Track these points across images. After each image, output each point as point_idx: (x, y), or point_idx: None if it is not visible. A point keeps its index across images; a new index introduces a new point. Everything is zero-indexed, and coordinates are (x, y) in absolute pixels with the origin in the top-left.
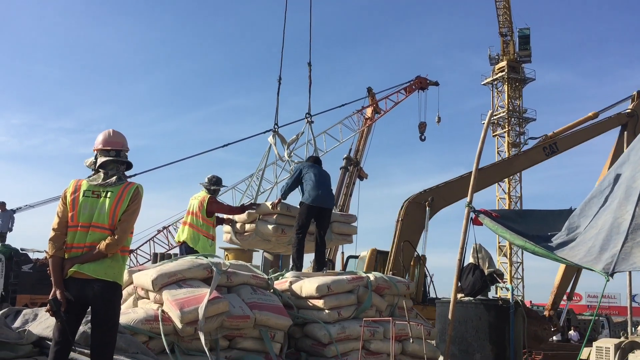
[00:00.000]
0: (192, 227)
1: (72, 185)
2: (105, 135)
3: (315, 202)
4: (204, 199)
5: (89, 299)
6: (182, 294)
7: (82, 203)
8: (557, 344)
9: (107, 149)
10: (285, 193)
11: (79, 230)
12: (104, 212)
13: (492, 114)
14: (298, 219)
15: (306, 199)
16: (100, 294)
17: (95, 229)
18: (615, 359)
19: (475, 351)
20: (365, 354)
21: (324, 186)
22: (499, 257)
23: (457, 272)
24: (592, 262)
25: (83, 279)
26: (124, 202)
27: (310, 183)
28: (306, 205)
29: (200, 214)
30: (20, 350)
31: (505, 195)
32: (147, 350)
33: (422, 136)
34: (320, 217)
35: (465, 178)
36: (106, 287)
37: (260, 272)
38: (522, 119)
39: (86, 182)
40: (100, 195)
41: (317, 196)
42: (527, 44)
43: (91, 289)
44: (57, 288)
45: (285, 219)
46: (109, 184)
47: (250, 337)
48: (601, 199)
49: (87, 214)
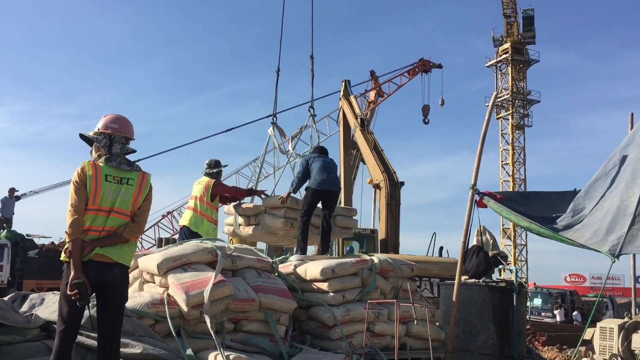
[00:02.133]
0: (196, 211)
1: (90, 168)
2: (122, 120)
3: (321, 185)
4: (208, 183)
5: (107, 282)
6: (188, 278)
7: (105, 187)
8: (560, 325)
9: (124, 136)
10: (297, 187)
11: (100, 214)
12: (127, 199)
13: (496, 96)
14: (303, 202)
15: (312, 184)
16: (120, 278)
17: (117, 214)
18: (619, 339)
19: (479, 332)
20: (369, 336)
21: (329, 171)
22: (503, 240)
23: (462, 254)
24: (598, 243)
25: (104, 262)
26: (144, 191)
27: (316, 169)
28: (312, 189)
29: (205, 198)
30: (27, 334)
31: (509, 178)
32: (153, 333)
33: (426, 119)
34: (327, 201)
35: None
36: (122, 270)
37: (265, 256)
38: (526, 101)
39: (105, 166)
40: (122, 182)
41: (322, 180)
42: (531, 25)
43: (112, 272)
44: (78, 271)
45: (294, 212)
46: (124, 169)
47: (256, 320)
48: (606, 180)
49: (110, 199)
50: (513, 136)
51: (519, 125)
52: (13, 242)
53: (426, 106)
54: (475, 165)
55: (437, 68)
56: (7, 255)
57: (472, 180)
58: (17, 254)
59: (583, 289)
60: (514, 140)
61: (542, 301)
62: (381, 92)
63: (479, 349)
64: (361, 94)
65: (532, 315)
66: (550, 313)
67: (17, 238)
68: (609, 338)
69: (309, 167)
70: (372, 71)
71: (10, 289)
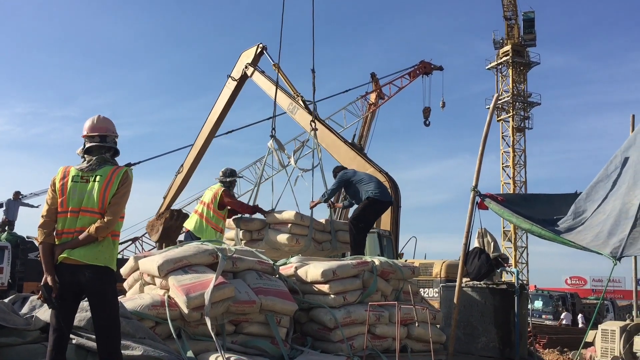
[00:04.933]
0: (201, 216)
1: (60, 172)
2: (91, 121)
3: (386, 197)
4: (217, 191)
5: (82, 285)
6: (188, 280)
7: (71, 188)
8: (562, 327)
9: (93, 134)
10: (328, 198)
11: (69, 216)
12: (93, 196)
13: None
14: (362, 212)
15: (376, 195)
16: (92, 280)
17: (85, 213)
18: (620, 342)
19: (480, 335)
20: (370, 338)
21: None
22: (504, 242)
23: (463, 256)
24: (600, 246)
25: (74, 265)
26: (114, 185)
27: (367, 179)
28: (374, 199)
29: (212, 205)
30: (28, 336)
31: (510, 180)
32: (153, 335)
33: (427, 121)
34: (383, 212)
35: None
36: (98, 272)
37: (266, 258)
38: (526, 103)
39: (74, 169)
40: (89, 180)
41: (383, 192)
42: (531, 27)
43: (82, 275)
44: (47, 274)
45: (299, 228)
46: (92, 168)
47: (257, 322)
48: (608, 183)
49: (76, 199)
50: (514, 138)
51: (520, 127)
52: (13, 244)
53: (427, 108)
54: (476, 168)
55: (438, 70)
56: (7, 258)
57: (474, 182)
58: (17, 256)
59: (584, 291)
60: (514, 143)
61: (543, 304)
62: (382, 94)
63: (480, 351)
64: (362, 96)
65: (532, 318)
66: (551, 316)
67: (17, 240)
68: (611, 340)
69: (348, 182)
70: (372, 73)
71: (10, 291)
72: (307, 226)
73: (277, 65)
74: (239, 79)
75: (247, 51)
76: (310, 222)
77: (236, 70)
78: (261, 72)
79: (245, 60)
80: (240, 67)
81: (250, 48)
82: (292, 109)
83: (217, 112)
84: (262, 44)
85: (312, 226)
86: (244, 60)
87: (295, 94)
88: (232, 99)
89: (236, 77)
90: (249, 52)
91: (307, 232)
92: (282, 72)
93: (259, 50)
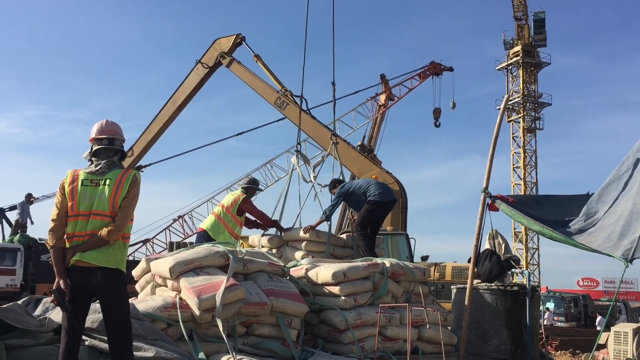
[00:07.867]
0: (219, 219)
1: (69, 176)
2: (99, 125)
3: (388, 196)
4: (239, 197)
5: (93, 288)
6: (200, 282)
7: (81, 192)
8: (574, 329)
9: (101, 137)
10: (329, 215)
11: (79, 220)
12: (104, 200)
13: (507, 99)
14: (367, 216)
15: (375, 197)
16: (104, 282)
17: (96, 217)
18: (633, 344)
19: (491, 337)
20: (381, 340)
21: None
22: (515, 243)
23: (474, 258)
24: (611, 248)
25: (85, 267)
26: (124, 188)
27: (365, 185)
28: (377, 202)
29: (231, 209)
30: (41, 337)
31: (521, 181)
32: (165, 336)
33: (437, 122)
34: (387, 212)
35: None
36: (109, 274)
37: (277, 260)
38: (537, 104)
39: (83, 172)
40: (99, 184)
41: (385, 192)
42: (542, 27)
43: (94, 277)
44: (60, 278)
45: (315, 245)
46: (100, 171)
47: (268, 323)
48: (620, 184)
49: (86, 202)
50: (524, 139)
51: (530, 128)
52: (26, 246)
53: (437, 109)
54: (487, 169)
55: (448, 71)
56: (20, 259)
57: (484, 183)
58: (29, 257)
59: (596, 292)
60: (525, 144)
61: (555, 305)
62: (391, 95)
63: (492, 353)
64: (372, 97)
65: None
66: (563, 317)
67: (29, 242)
68: (624, 342)
69: (348, 193)
70: (382, 75)
71: (23, 292)
72: (324, 242)
73: (258, 55)
74: (211, 67)
75: (222, 39)
76: (328, 238)
77: (208, 57)
78: (239, 63)
79: (219, 48)
80: (213, 55)
81: (226, 37)
82: (280, 103)
83: (180, 98)
84: (241, 34)
85: (329, 242)
86: (217, 48)
87: (283, 89)
88: (200, 86)
89: (209, 65)
90: (225, 40)
91: (325, 248)
92: (264, 63)
93: (237, 41)
